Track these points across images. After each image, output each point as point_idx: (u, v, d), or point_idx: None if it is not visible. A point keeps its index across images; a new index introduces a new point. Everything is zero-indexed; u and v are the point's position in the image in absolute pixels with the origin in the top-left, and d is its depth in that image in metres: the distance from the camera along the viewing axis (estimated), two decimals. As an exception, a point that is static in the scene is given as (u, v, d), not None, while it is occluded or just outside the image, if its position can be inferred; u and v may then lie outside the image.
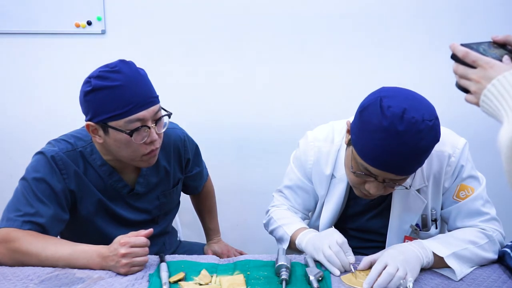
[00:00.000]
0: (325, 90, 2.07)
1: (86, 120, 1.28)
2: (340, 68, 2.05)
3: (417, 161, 1.13)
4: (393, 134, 1.05)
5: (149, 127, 1.25)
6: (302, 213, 1.48)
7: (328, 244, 1.19)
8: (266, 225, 1.50)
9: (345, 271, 1.18)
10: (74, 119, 1.80)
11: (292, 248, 1.34)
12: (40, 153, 1.31)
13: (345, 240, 1.21)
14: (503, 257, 1.23)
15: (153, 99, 1.27)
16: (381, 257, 1.14)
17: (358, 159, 1.15)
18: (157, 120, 1.28)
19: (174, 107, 2.11)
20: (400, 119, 1.04)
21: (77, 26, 2.03)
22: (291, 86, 2.08)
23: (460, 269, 1.17)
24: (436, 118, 1.09)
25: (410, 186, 1.22)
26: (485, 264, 1.23)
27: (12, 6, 2.02)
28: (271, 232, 1.47)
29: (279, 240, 1.40)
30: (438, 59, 2.01)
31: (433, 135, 1.08)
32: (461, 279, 1.17)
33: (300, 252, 1.32)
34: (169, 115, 1.33)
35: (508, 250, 1.23)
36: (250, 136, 2.15)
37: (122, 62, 1.26)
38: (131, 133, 1.23)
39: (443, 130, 1.30)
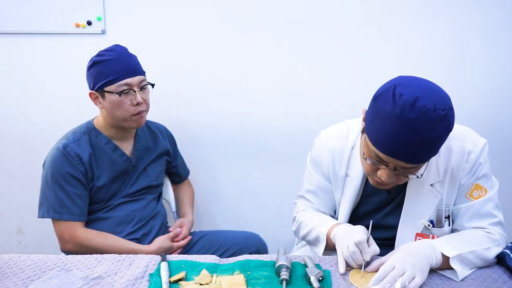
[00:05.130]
0: (325, 91, 2.07)
1: (89, 90, 1.62)
2: (340, 70, 2.04)
3: (428, 151, 1.12)
4: (403, 122, 1.05)
5: (134, 91, 1.59)
6: (328, 214, 1.46)
7: (347, 244, 1.19)
8: (297, 232, 1.48)
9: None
10: (74, 119, 1.81)
11: (330, 247, 1.31)
12: (54, 148, 1.62)
13: (363, 238, 1.19)
14: (503, 258, 1.23)
15: (138, 71, 1.62)
16: (390, 258, 1.13)
17: (370, 146, 1.16)
18: (142, 87, 1.62)
19: (174, 107, 2.13)
20: (411, 107, 1.04)
21: (77, 26, 2.03)
22: (291, 87, 2.08)
23: (462, 271, 1.17)
24: (450, 109, 1.08)
25: (421, 175, 1.20)
26: (485, 266, 1.24)
27: (12, 6, 2.01)
28: (303, 237, 1.44)
29: (315, 241, 1.37)
30: (440, 61, 2.01)
31: (445, 125, 1.07)
32: (461, 279, 1.17)
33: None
34: (152, 85, 1.68)
35: (508, 251, 1.24)
36: (250, 136, 2.15)
37: (116, 45, 1.63)
38: (120, 94, 1.57)
39: (465, 128, 1.31)
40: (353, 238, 1.19)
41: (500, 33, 1.96)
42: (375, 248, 1.20)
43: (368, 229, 1.23)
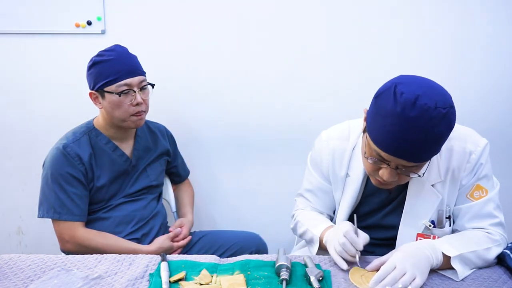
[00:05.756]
0: (324, 90, 2.07)
1: (89, 90, 1.62)
2: (341, 70, 2.04)
3: (430, 149, 1.11)
4: (405, 120, 1.05)
5: (134, 91, 1.59)
6: (326, 213, 1.47)
7: (337, 239, 1.20)
8: (294, 230, 1.50)
9: (352, 263, 1.20)
10: (74, 119, 1.81)
11: (324, 249, 1.32)
12: (54, 149, 1.62)
13: (350, 228, 1.19)
14: (503, 258, 1.23)
15: (138, 72, 1.62)
16: (391, 258, 1.13)
17: (371, 144, 1.16)
18: (142, 88, 1.62)
19: (174, 107, 2.13)
20: (412, 105, 1.04)
21: (77, 26, 2.03)
22: (291, 86, 2.08)
23: (462, 271, 1.17)
24: (451, 107, 1.07)
25: (423, 174, 1.20)
26: (486, 266, 1.24)
27: (12, 6, 2.01)
28: (300, 236, 1.46)
29: (309, 242, 1.39)
30: (440, 61, 2.01)
31: (446, 123, 1.07)
32: (461, 279, 1.17)
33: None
34: (152, 85, 1.68)
35: (508, 252, 1.24)
36: (250, 136, 2.15)
37: (116, 45, 1.63)
38: (120, 94, 1.57)
39: (466, 129, 1.31)
40: (340, 231, 1.20)
41: (500, 33, 1.96)
42: (364, 236, 1.21)
43: (354, 223, 1.24)
